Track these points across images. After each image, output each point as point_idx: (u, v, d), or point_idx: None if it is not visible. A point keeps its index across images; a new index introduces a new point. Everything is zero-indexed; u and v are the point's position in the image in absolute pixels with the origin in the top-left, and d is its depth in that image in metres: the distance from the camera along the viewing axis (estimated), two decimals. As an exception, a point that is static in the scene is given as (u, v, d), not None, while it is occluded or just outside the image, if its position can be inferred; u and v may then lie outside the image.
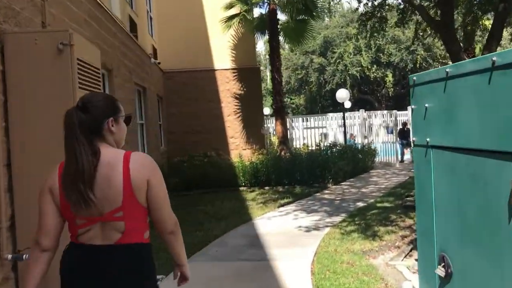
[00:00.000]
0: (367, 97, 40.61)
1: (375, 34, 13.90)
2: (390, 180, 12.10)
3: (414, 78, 2.96)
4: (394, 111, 15.18)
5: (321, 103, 43.16)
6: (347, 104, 34.77)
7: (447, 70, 2.51)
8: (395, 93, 40.49)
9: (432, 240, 2.80)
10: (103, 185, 1.91)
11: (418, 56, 36.62)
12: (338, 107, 37.65)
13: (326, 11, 16.91)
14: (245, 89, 14.72)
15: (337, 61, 37.33)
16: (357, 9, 11.82)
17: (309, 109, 41.58)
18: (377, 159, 15.30)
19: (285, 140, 13.89)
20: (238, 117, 14.64)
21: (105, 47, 6.54)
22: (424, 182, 2.88)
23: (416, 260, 5.89)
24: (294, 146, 15.95)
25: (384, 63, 37.90)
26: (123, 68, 7.86)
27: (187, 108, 14.52)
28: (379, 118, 16.03)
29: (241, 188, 12.03)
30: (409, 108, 18.02)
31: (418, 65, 36.98)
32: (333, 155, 12.90)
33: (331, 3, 15.35)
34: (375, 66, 37.90)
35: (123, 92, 7.60)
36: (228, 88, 14.76)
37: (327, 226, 7.42)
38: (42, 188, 2.00)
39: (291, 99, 42.62)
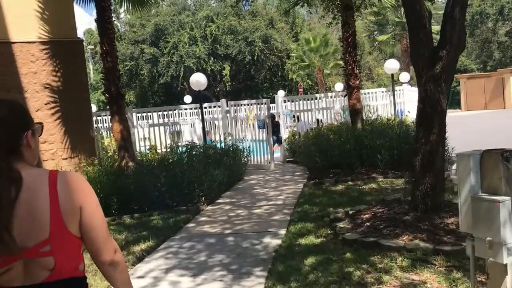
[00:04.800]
0: (205, 92, 37.69)
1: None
2: (282, 191, 8.88)
3: None
4: (266, 101, 12.01)
5: (154, 99, 39.06)
6: (187, 99, 31.21)
7: None
8: (232, 88, 38.44)
9: None
10: (24, 215, 1.48)
11: (257, 48, 34.93)
12: (172, 103, 33.93)
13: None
14: (62, 72, 10.02)
15: (172, 52, 33.58)
16: None
17: (139, 106, 37.11)
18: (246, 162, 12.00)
19: (126, 143, 9.69)
20: (54, 112, 9.88)
21: None
22: None
23: None
24: (138, 150, 11.74)
25: (222, 55, 35.43)
26: None
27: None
28: (245, 110, 12.76)
29: (64, 224, 7.55)
30: (277, 97, 15.07)
31: (256, 57, 35.34)
32: (200, 161, 9.19)
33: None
34: (212, 58, 35.18)
35: None
36: (35, 71, 9.87)
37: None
38: None
39: (120, 95, 37.52)
